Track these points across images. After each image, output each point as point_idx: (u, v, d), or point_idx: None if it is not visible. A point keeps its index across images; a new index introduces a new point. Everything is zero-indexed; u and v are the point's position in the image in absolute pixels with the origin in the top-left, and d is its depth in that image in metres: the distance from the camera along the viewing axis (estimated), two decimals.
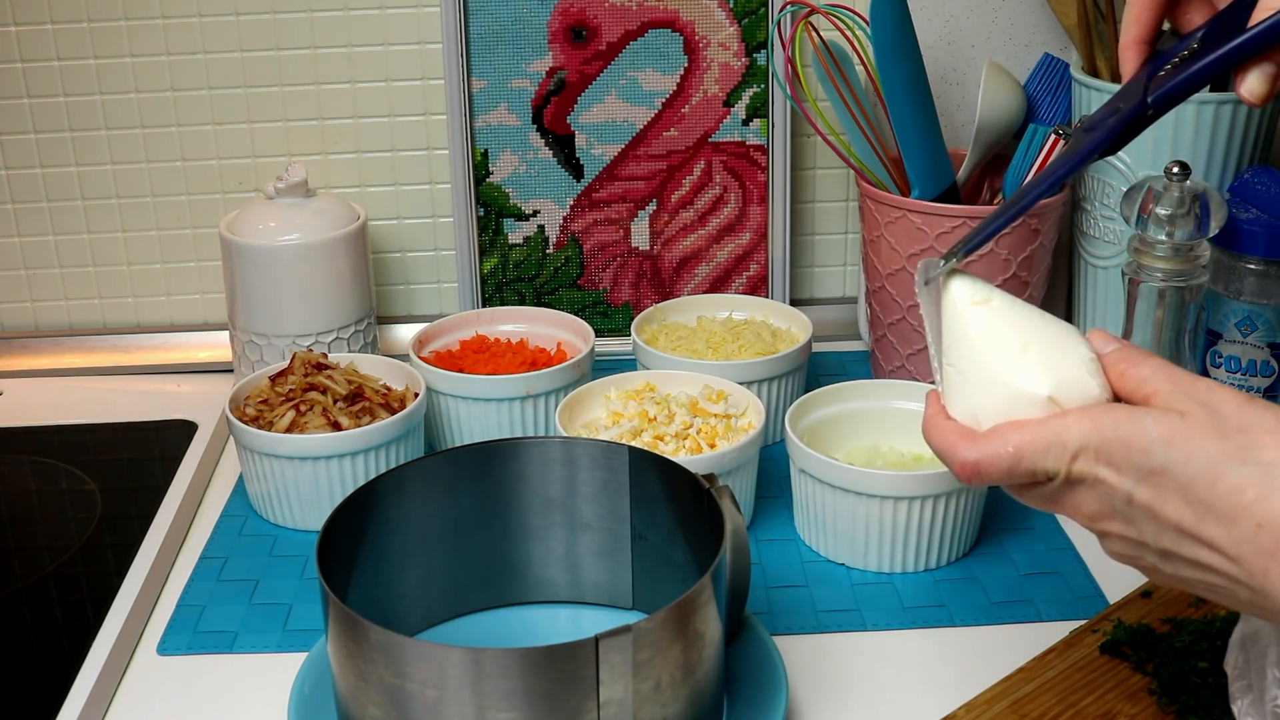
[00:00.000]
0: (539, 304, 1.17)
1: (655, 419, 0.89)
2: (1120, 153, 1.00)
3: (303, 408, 0.91)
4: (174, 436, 1.03)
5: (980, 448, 0.55)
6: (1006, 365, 0.57)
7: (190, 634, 0.80)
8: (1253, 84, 0.57)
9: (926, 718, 0.71)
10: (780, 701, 0.68)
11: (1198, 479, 0.51)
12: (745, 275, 1.17)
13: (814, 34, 1.01)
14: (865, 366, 1.13)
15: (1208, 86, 0.98)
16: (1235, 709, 0.63)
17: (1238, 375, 0.97)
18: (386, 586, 0.74)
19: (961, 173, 1.04)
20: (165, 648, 0.79)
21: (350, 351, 1.06)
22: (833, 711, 0.73)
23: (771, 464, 0.96)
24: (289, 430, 0.90)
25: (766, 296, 1.16)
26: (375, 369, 0.99)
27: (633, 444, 0.78)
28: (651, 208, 1.16)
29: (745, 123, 1.14)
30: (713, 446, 0.87)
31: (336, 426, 0.90)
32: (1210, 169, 0.98)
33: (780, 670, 0.71)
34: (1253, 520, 0.50)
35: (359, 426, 0.90)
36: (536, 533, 0.78)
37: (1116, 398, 0.56)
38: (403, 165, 1.17)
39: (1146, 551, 0.54)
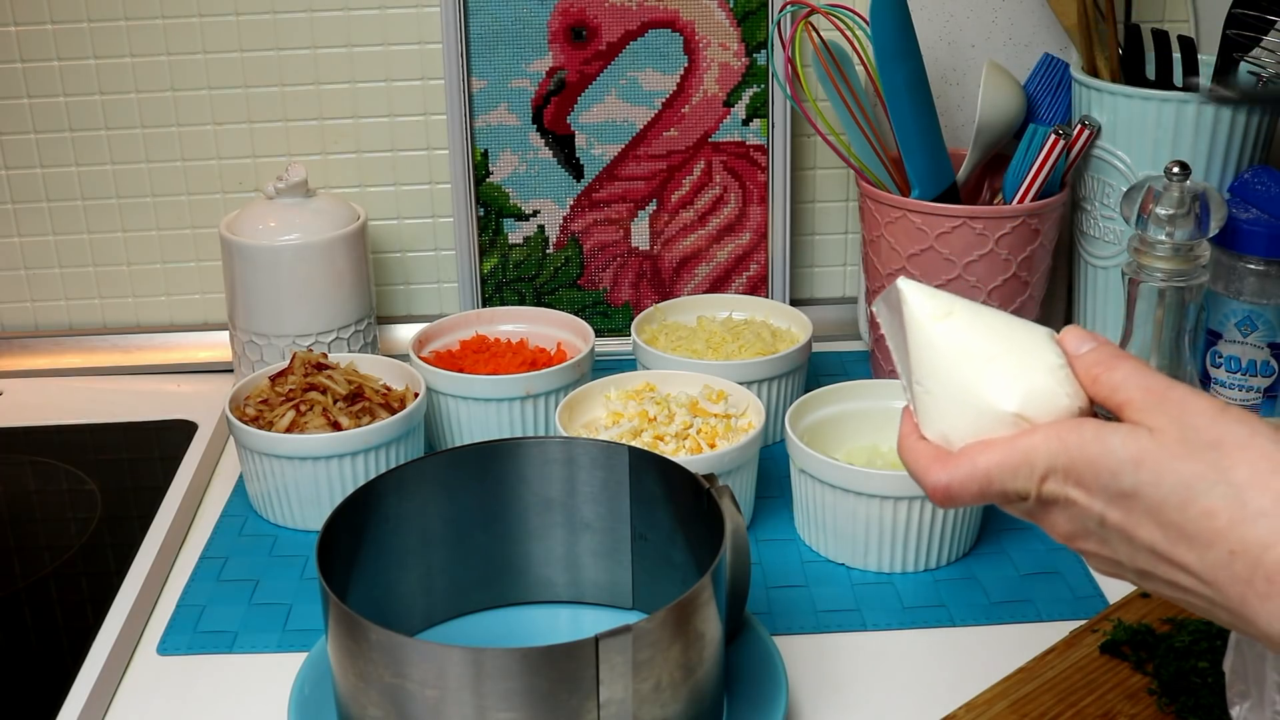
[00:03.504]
0: (539, 304, 1.17)
1: (655, 419, 0.89)
2: (1120, 152, 1.00)
3: (303, 408, 0.91)
4: (174, 436, 1.03)
5: (950, 471, 0.54)
6: (972, 382, 0.55)
7: (190, 634, 0.80)
8: None
9: (926, 718, 0.71)
10: (780, 701, 0.68)
11: (1168, 502, 0.49)
12: (745, 275, 1.17)
13: (814, 34, 1.01)
14: (865, 366, 1.13)
15: (1212, 78, 0.98)
16: (1234, 714, 0.62)
17: (1238, 375, 0.97)
18: (386, 586, 0.74)
19: (961, 173, 1.04)
20: (165, 648, 0.79)
21: (350, 351, 1.06)
22: (833, 711, 0.73)
23: (771, 464, 0.96)
24: (289, 430, 0.90)
25: (766, 296, 1.16)
26: (375, 369, 0.99)
27: (633, 444, 0.78)
28: (651, 208, 1.16)
29: (745, 123, 1.14)
30: (713, 446, 0.87)
31: (336, 426, 0.90)
32: (1210, 169, 0.98)
33: (780, 670, 0.71)
34: (1225, 547, 0.48)
35: (359, 426, 0.90)
36: (536, 533, 0.78)
37: (1092, 402, 0.54)
38: (403, 165, 1.17)
39: (1125, 570, 0.53)
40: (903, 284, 0.57)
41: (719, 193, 1.15)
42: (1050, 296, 1.09)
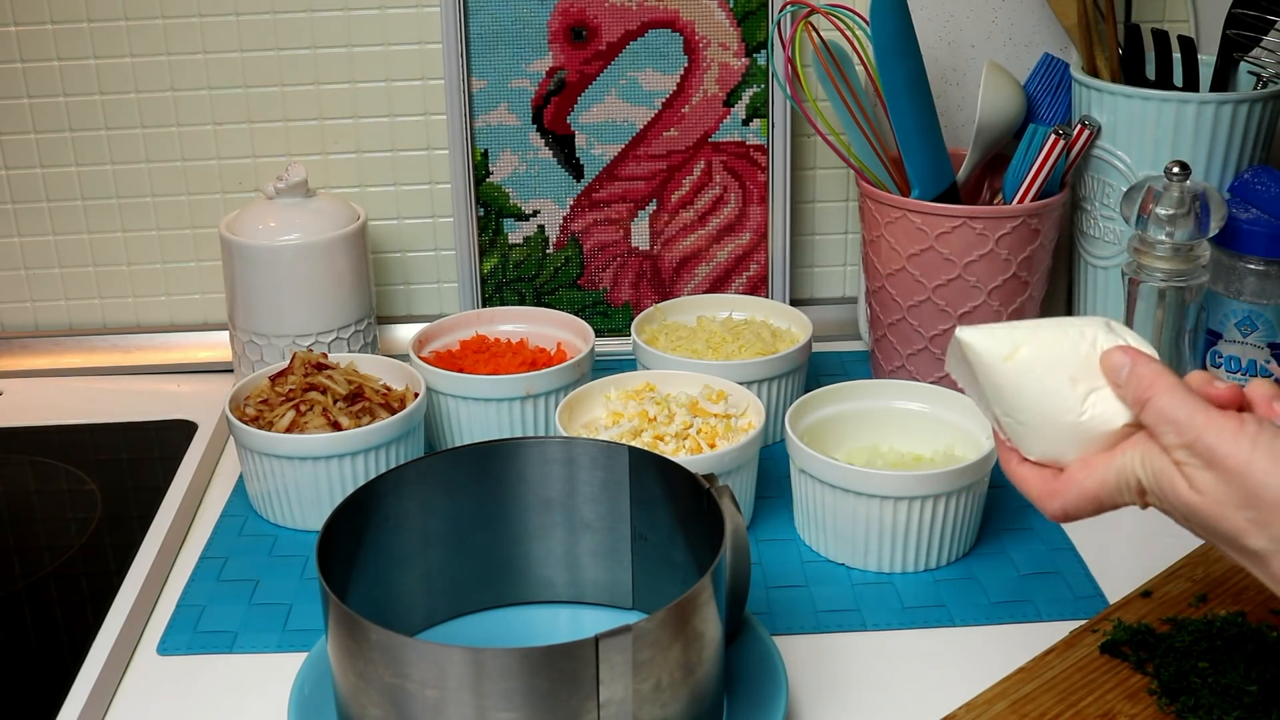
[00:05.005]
0: (539, 304, 1.17)
1: (655, 419, 0.89)
2: (1120, 152, 1.00)
3: (303, 408, 0.91)
4: (174, 436, 1.03)
5: (1062, 498, 0.61)
6: (1065, 409, 0.60)
7: (190, 634, 0.80)
8: None
9: (926, 718, 0.71)
10: (780, 701, 0.68)
11: (1219, 539, 0.57)
12: (745, 275, 1.17)
13: (814, 34, 1.01)
14: (865, 366, 1.13)
15: (1209, 85, 0.98)
16: None
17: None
18: (386, 586, 0.74)
19: (961, 173, 1.04)
20: (165, 648, 0.79)
21: (350, 351, 1.06)
22: (833, 711, 0.73)
23: (771, 464, 0.96)
24: (289, 430, 0.90)
25: (766, 296, 1.16)
26: (375, 369, 0.99)
27: (633, 444, 0.78)
28: (651, 208, 1.16)
29: (745, 123, 1.14)
30: (713, 446, 0.87)
31: (336, 426, 0.90)
32: (1210, 169, 0.98)
33: (780, 670, 0.71)
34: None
35: (359, 426, 0.90)
36: (536, 533, 0.78)
37: None
38: (403, 165, 1.17)
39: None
40: (962, 333, 0.62)
41: (719, 193, 1.15)
42: (1050, 296, 1.09)
